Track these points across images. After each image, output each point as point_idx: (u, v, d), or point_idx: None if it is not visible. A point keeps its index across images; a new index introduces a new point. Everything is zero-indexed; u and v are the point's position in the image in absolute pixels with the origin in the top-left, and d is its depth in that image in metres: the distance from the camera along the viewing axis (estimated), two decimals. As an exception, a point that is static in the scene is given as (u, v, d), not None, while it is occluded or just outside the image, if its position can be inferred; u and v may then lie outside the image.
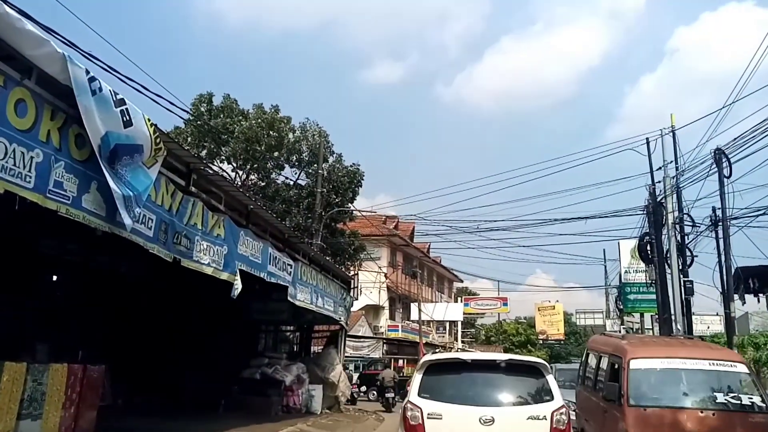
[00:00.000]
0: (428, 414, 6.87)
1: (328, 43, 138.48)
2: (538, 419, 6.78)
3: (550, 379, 7.29)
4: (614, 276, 40.83)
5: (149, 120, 6.95)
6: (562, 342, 67.82)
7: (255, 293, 15.33)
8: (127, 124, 6.49)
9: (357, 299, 20.13)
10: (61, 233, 13.12)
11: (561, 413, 6.85)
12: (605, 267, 41.69)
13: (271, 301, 17.75)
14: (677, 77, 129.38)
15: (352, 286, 19.44)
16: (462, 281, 59.69)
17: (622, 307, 33.98)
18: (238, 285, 10.45)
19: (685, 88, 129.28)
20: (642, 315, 27.56)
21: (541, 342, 64.42)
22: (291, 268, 13.27)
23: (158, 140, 7.21)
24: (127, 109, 6.47)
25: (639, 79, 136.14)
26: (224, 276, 10.19)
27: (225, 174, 11.35)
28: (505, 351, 58.17)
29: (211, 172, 9.33)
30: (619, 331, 38.63)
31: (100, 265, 15.94)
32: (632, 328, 25.61)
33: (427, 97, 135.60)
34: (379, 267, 33.90)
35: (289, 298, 13.00)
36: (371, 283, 34.24)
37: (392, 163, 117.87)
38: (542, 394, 7.10)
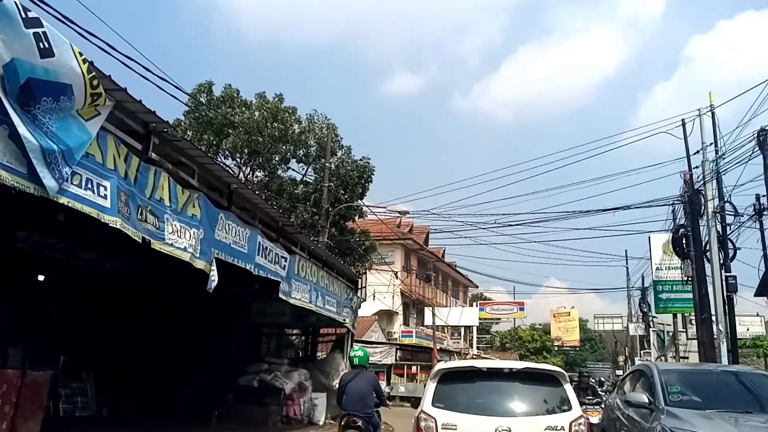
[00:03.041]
0: (443, 424, 6.62)
1: (347, 56, 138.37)
2: (557, 430, 6.51)
3: (568, 388, 7.04)
4: (637, 277, 39.11)
5: (81, 54, 5.50)
6: (577, 348, 66.35)
7: (255, 292, 14.03)
8: (46, 53, 5.03)
9: (365, 300, 18.59)
10: (38, 226, 11.95)
11: (579, 423, 6.60)
12: (627, 268, 40.12)
13: (272, 302, 16.42)
14: (692, 86, 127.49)
15: (359, 286, 17.91)
16: (477, 286, 57.90)
17: (646, 309, 32.16)
18: (214, 276, 8.99)
19: (699, 96, 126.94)
20: (675, 316, 25.47)
21: (556, 349, 63.27)
22: (286, 261, 11.78)
23: (96, 83, 5.75)
24: (44, 33, 4.99)
25: (653, 87, 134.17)
26: (200, 264, 8.75)
27: (229, 170, 10.18)
28: (521, 358, 56.40)
29: (178, 136, 7.86)
30: (646, 338, 36.83)
31: (84, 261, 14.72)
32: (663, 330, 23.45)
33: (444, 107, 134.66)
34: (393, 270, 32.30)
35: (281, 295, 11.50)
36: (384, 286, 32.76)
37: (407, 171, 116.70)
38: (560, 404, 6.84)
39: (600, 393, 13.33)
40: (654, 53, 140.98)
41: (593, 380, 13.84)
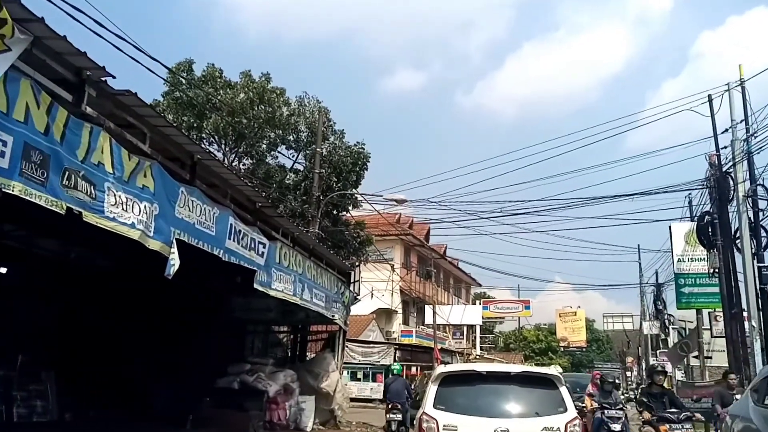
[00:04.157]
0: (444, 425, 6.89)
1: (349, 52, 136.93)
2: (553, 431, 6.75)
3: (564, 390, 7.28)
4: (650, 273, 37.52)
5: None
6: (584, 349, 64.78)
7: (238, 286, 12.69)
8: None
9: (358, 295, 17.12)
10: None
11: (575, 425, 6.88)
12: (639, 264, 38.51)
13: (257, 297, 15.04)
14: (700, 83, 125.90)
15: (352, 280, 16.44)
16: (480, 285, 56.37)
17: (661, 306, 30.58)
18: (174, 260, 7.61)
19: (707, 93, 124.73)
20: (699, 312, 23.78)
21: (562, 349, 61.71)
22: (264, 248, 10.35)
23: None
24: None
25: (661, 84, 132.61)
26: (155, 245, 7.37)
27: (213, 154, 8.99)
28: (525, 359, 54.95)
29: (119, 89, 6.42)
30: (661, 336, 35.03)
31: (45, 251, 13.32)
32: (684, 328, 21.61)
33: (446, 105, 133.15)
34: (390, 262, 30.82)
35: (256, 286, 10.06)
36: (382, 281, 31.35)
37: (407, 170, 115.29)
38: (556, 406, 7.07)
39: (620, 398, 11.81)
40: (662, 50, 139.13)
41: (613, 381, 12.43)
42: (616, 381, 13.60)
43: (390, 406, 13.67)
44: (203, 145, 17.00)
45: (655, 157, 61.66)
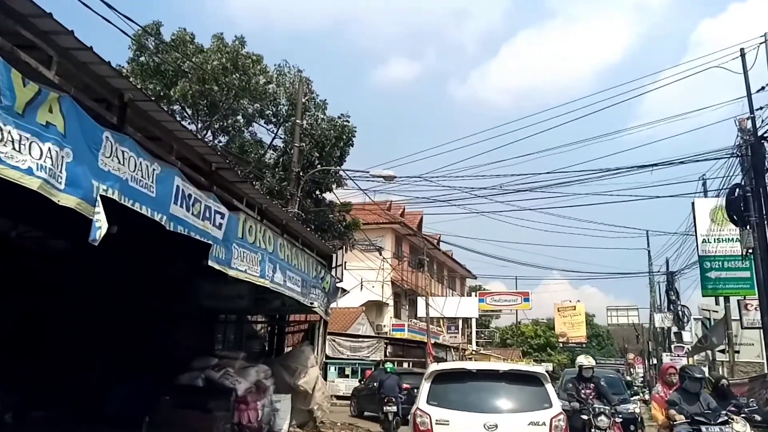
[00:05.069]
0: (436, 420, 7.30)
1: (342, 42, 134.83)
2: (538, 425, 7.10)
3: (549, 387, 7.63)
4: (661, 262, 35.83)
5: None
6: (584, 345, 63.13)
7: (207, 270, 11.04)
8: None
9: (341, 281, 15.45)
10: None
11: (559, 419, 7.21)
12: (648, 252, 37.01)
13: (227, 283, 13.41)
14: (701, 72, 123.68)
15: (335, 264, 14.75)
16: (475, 277, 54.60)
17: (674, 297, 28.87)
18: (100, 222, 6.01)
19: (707, 83, 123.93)
20: (727, 299, 21.80)
21: (561, 345, 60.08)
22: (223, 218, 8.69)
23: None
24: None
25: (661, 74, 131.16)
26: (68, 200, 5.76)
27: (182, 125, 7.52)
28: (523, 355, 53.45)
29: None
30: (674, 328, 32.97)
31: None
32: (708, 318, 19.65)
33: (440, 94, 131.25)
34: (379, 248, 29.10)
35: (211, 262, 8.38)
36: (372, 269, 29.72)
37: (402, 163, 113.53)
38: (542, 402, 7.42)
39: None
40: (662, 38, 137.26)
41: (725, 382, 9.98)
42: (708, 376, 11.44)
43: (386, 400, 15.09)
44: (178, 122, 15.32)
45: (672, 123, 58.86)
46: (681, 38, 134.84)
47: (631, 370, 49.77)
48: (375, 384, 17.83)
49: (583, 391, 9.67)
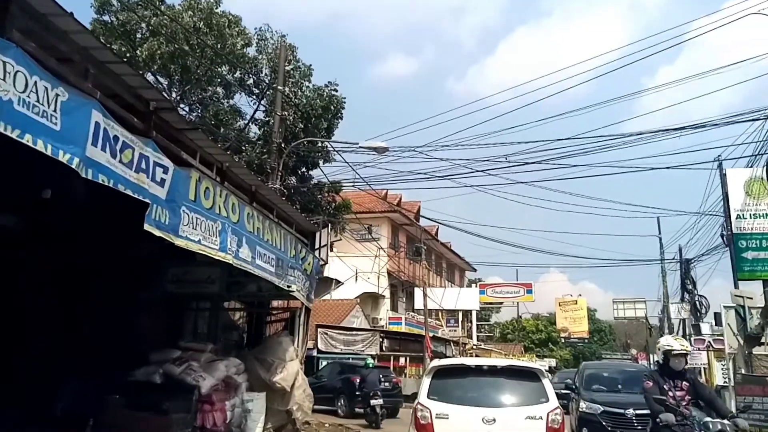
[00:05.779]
0: (436, 414, 7.51)
1: (339, 37, 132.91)
2: (535, 419, 7.29)
3: (546, 382, 7.87)
4: (673, 249, 33.90)
5: None
6: (586, 340, 61.53)
7: (169, 250, 9.30)
8: None
9: (326, 263, 13.65)
10: None
11: (556, 414, 7.38)
12: (660, 239, 35.19)
13: (195, 265, 11.71)
14: (697, 68, 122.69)
15: (319, 244, 12.92)
16: (475, 270, 52.84)
17: (691, 287, 27.03)
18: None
19: (704, 80, 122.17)
20: (766, 284, 19.80)
21: (563, 340, 58.50)
22: (165, 173, 6.90)
23: None
24: None
25: (657, 70, 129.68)
26: None
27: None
28: (525, 350, 51.73)
29: None
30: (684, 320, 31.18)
31: None
32: (743, 306, 17.60)
33: (438, 89, 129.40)
34: (374, 237, 27.38)
35: (148, 226, 6.53)
36: (367, 257, 27.98)
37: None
38: (539, 396, 7.63)
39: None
40: (658, 35, 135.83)
41: None
42: None
43: (372, 394, 16.64)
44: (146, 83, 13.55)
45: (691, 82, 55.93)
46: (678, 32, 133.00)
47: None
48: (325, 378, 20.16)
49: (670, 392, 6.44)
